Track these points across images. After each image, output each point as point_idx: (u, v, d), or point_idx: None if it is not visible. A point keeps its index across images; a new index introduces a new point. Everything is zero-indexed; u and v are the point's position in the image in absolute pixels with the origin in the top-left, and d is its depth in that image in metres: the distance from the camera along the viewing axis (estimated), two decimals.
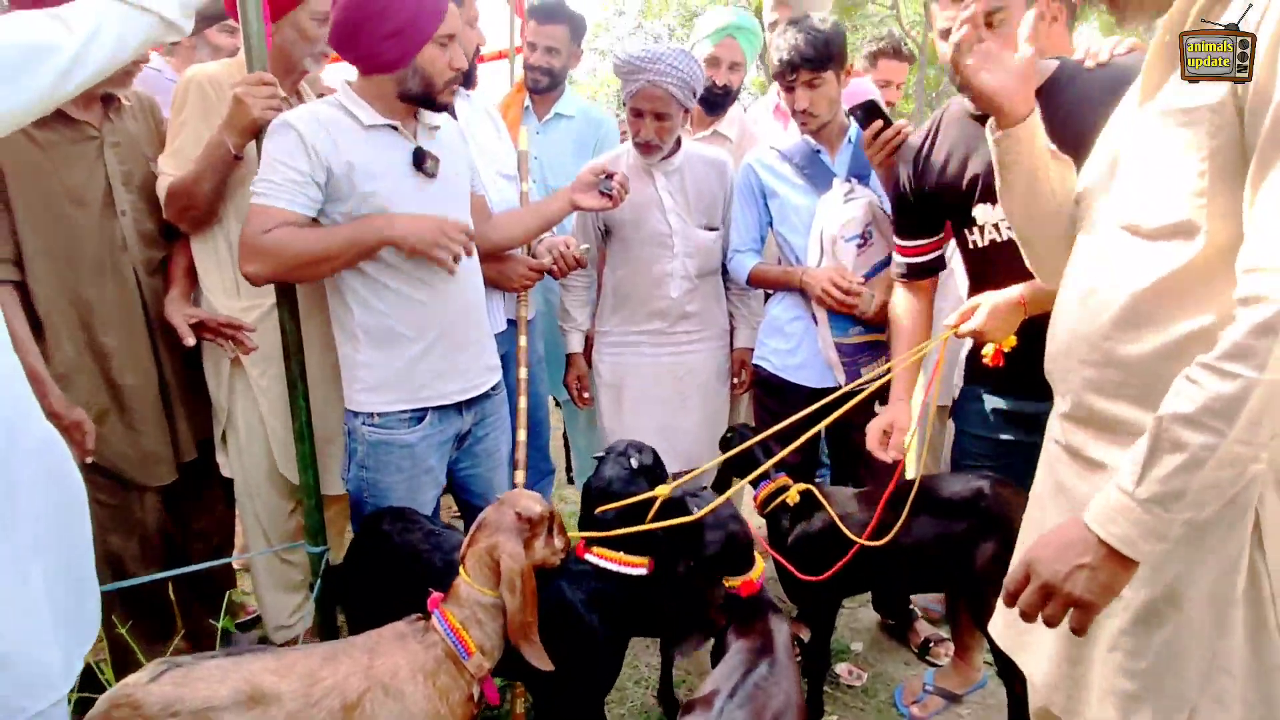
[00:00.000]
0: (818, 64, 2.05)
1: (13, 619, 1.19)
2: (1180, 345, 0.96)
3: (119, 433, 1.88)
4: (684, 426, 2.39)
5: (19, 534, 1.22)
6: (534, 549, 1.43)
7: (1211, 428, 0.86)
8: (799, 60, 2.04)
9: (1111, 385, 1.05)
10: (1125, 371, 1.03)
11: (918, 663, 2.37)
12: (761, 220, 2.32)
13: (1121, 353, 1.02)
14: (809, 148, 2.23)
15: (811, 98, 2.09)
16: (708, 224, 2.33)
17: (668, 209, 2.28)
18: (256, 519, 2.17)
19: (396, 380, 1.76)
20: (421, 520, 1.75)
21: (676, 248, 2.28)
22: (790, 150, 2.25)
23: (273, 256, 1.59)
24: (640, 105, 2.13)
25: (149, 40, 1.46)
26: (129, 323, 1.89)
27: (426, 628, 1.37)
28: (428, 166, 1.69)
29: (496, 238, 2.03)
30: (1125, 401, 1.04)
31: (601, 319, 2.46)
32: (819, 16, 2.11)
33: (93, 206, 1.81)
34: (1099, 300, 1.06)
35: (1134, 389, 1.02)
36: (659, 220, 2.27)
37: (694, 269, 2.31)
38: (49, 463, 1.33)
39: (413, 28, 1.59)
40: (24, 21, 1.28)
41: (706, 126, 2.70)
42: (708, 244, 2.33)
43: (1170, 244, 0.97)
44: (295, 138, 1.59)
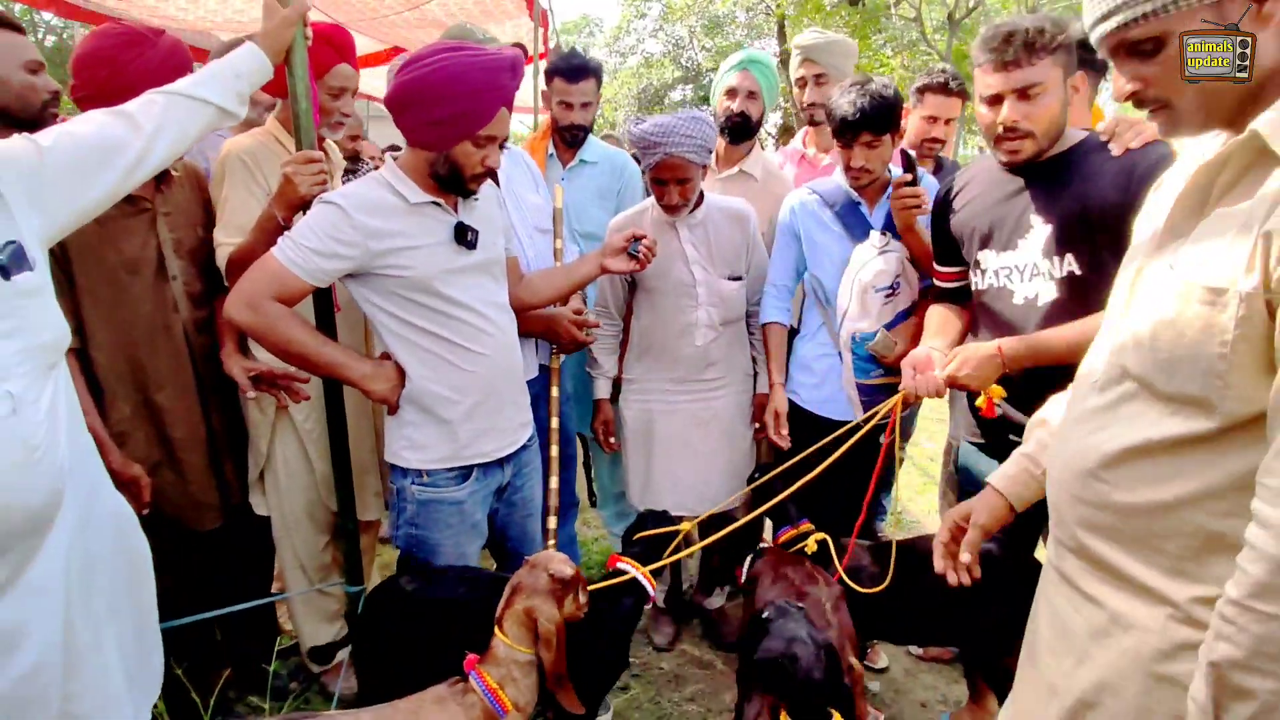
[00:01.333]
0: (879, 128, 2.14)
1: (90, 685, 1.30)
2: (1175, 506, 0.96)
3: (171, 482, 1.99)
4: (709, 472, 2.47)
5: (95, 602, 1.33)
6: (564, 607, 1.52)
7: (1271, 672, 0.82)
8: (863, 123, 2.13)
9: (1104, 527, 1.05)
10: (1117, 517, 1.03)
11: (935, 705, 2.43)
12: (798, 261, 2.41)
13: (1116, 499, 1.02)
14: (849, 198, 2.31)
15: (868, 157, 2.19)
16: (731, 274, 2.41)
17: (691, 260, 2.36)
18: (294, 553, 2.29)
19: (442, 439, 1.83)
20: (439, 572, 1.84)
21: (701, 298, 2.36)
22: (830, 196, 2.34)
23: (265, 322, 1.65)
24: (662, 175, 2.22)
25: (207, 129, 1.56)
26: (179, 379, 1.99)
27: (465, 689, 1.45)
28: (468, 240, 1.78)
29: (528, 298, 2.12)
30: (1116, 545, 1.03)
31: (628, 367, 2.54)
32: (883, 82, 2.18)
33: (146, 273, 1.92)
34: (1103, 440, 1.04)
35: (1126, 536, 1.02)
36: (683, 271, 2.35)
37: (718, 318, 2.39)
38: (120, 528, 1.44)
39: (456, 123, 1.66)
40: (95, 124, 1.38)
41: (733, 164, 2.74)
42: (731, 293, 2.40)
43: (1183, 410, 0.95)
44: (339, 215, 1.66)
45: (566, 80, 2.62)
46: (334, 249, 1.66)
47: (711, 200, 2.40)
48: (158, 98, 1.47)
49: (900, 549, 1.89)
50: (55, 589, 1.24)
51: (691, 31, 20.26)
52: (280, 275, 1.65)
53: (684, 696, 2.46)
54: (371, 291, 1.76)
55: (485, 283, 1.87)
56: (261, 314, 1.64)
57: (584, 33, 25.54)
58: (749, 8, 17.34)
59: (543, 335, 2.31)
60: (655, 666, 2.61)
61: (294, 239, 1.66)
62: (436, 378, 1.79)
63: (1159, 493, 0.97)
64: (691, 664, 2.64)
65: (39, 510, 1.21)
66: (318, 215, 1.68)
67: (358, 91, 2.28)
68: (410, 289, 1.74)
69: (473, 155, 1.70)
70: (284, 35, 1.65)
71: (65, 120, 1.51)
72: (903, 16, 13.53)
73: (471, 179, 1.75)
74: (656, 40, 21.86)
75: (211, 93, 1.53)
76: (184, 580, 2.05)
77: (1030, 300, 1.78)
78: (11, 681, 1.18)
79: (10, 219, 1.22)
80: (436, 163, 1.72)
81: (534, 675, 1.49)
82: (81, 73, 1.85)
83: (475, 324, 1.81)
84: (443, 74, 1.63)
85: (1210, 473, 0.93)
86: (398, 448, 1.85)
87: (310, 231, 1.66)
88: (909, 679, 2.56)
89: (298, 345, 1.69)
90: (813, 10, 12.67)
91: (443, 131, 1.67)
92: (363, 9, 5.25)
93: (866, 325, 2.27)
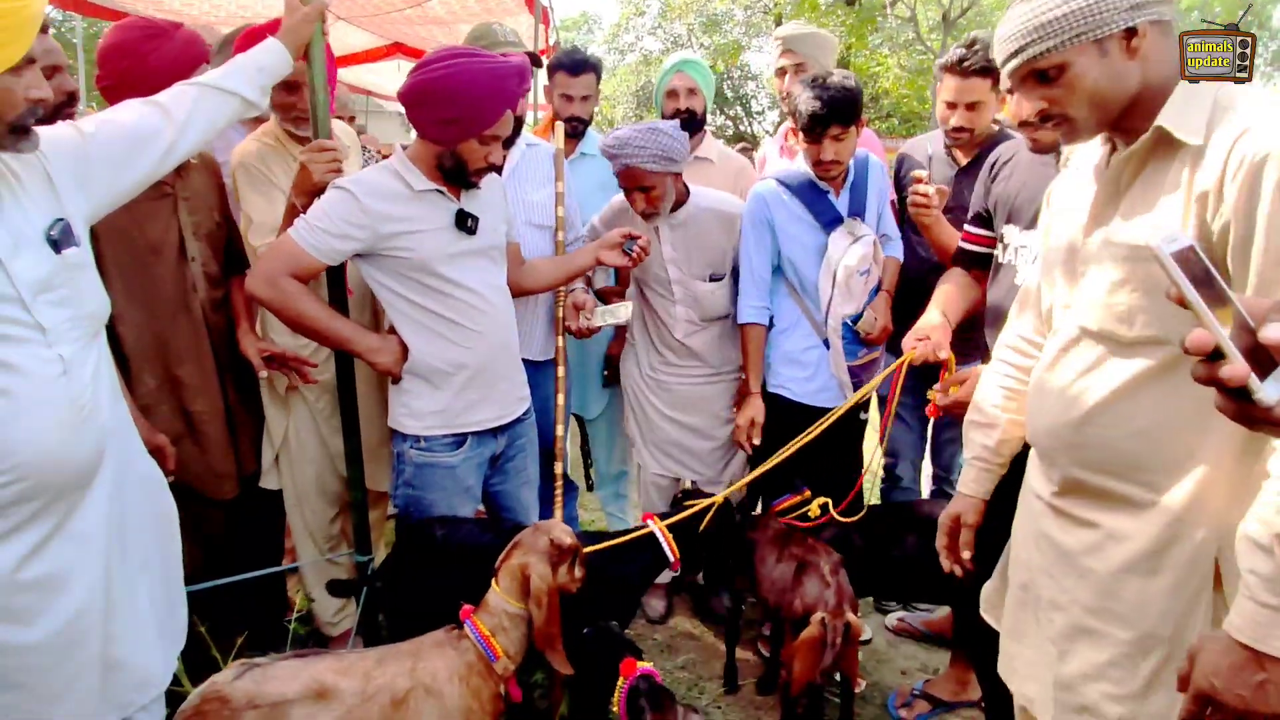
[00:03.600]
0: (846, 119, 2.22)
1: (127, 629, 1.42)
2: (1155, 430, 1.15)
3: (191, 453, 2.10)
4: (699, 447, 2.60)
5: (130, 556, 1.45)
6: (559, 574, 1.63)
7: None
8: (831, 116, 2.19)
9: (1096, 462, 1.23)
10: (1109, 452, 1.21)
11: (914, 673, 2.55)
12: (771, 256, 2.43)
13: (1108, 435, 1.20)
14: (815, 187, 2.38)
15: (838, 150, 2.26)
16: (712, 274, 2.48)
17: (667, 258, 2.44)
18: (305, 525, 2.41)
19: (439, 408, 1.97)
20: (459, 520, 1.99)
21: (676, 295, 2.47)
22: (795, 185, 2.39)
23: (281, 298, 1.79)
24: (624, 184, 2.34)
25: (233, 118, 1.67)
26: (199, 355, 2.10)
27: (460, 635, 1.59)
28: (468, 226, 1.90)
29: (527, 284, 2.25)
30: (1109, 475, 1.22)
31: (630, 336, 2.68)
32: (842, 74, 2.27)
33: (169, 255, 2.03)
34: (1085, 392, 1.22)
35: (1118, 465, 1.20)
36: (659, 268, 2.46)
37: (696, 315, 2.49)
38: (151, 490, 1.56)
39: (465, 123, 1.80)
40: (133, 112, 1.49)
41: (691, 153, 2.86)
42: (707, 294, 2.48)
43: (1145, 350, 1.14)
44: (351, 199, 1.79)
45: (568, 74, 2.74)
46: (345, 230, 1.79)
47: (703, 201, 2.46)
48: (189, 89, 1.58)
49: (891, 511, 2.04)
50: (98, 538, 1.36)
51: (690, 29, 20.33)
52: (296, 255, 1.78)
53: (676, 665, 2.58)
54: (378, 271, 1.89)
55: (485, 266, 1.99)
56: (279, 290, 1.78)
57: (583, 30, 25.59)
58: (747, 6, 17.45)
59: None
60: (649, 637, 2.73)
61: (309, 221, 1.80)
62: (435, 352, 1.92)
63: (1140, 423, 1.17)
64: (682, 636, 2.76)
65: (85, 465, 1.32)
66: (331, 199, 1.81)
67: (353, 86, 2.39)
68: (413, 269, 1.87)
69: (477, 152, 1.84)
70: (304, 31, 1.76)
71: (89, 113, 1.62)
72: (898, 16, 13.64)
73: (474, 173, 1.88)
74: (655, 38, 21.93)
75: (239, 84, 1.64)
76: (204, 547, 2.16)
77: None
78: (61, 623, 1.30)
79: (58, 199, 1.33)
80: (443, 156, 1.85)
81: (523, 628, 1.62)
82: (106, 64, 1.96)
83: (473, 304, 1.94)
84: (454, 80, 1.76)
85: (1178, 396, 1.11)
86: (399, 415, 1.99)
87: (324, 214, 1.79)
88: (890, 649, 2.68)
89: (310, 319, 1.83)
90: (809, 9, 12.77)
91: (450, 130, 1.80)
92: (365, 5, 5.34)
93: (852, 308, 2.38)
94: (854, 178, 2.40)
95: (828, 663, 1.74)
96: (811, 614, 1.81)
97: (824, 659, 1.74)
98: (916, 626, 2.73)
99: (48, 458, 1.24)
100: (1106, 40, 1.11)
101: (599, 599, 1.78)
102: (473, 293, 1.94)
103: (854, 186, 2.39)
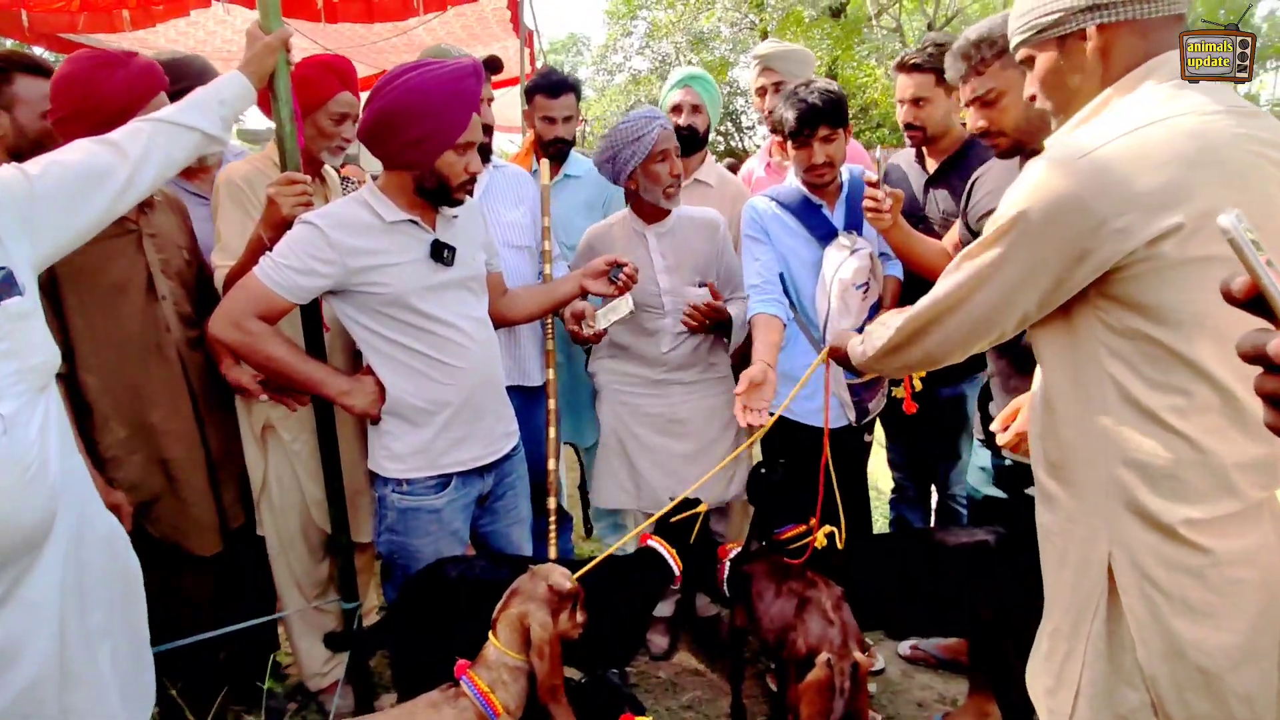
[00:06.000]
0: (835, 120, 2.19)
1: (86, 698, 1.33)
2: (1068, 426, 1.21)
3: (170, 505, 2.00)
4: (684, 474, 2.46)
5: (89, 618, 1.36)
6: (559, 621, 1.53)
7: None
8: (820, 116, 2.16)
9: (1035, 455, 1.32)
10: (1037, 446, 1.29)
11: (931, 704, 2.44)
12: (774, 261, 2.33)
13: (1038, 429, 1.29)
14: (810, 202, 2.33)
15: (828, 152, 2.22)
16: (701, 281, 2.43)
17: (659, 269, 2.39)
18: (290, 572, 2.31)
19: (420, 448, 1.87)
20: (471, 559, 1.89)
21: (667, 306, 2.39)
22: (789, 201, 2.35)
23: (247, 340, 1.70)
24: (665, 146, 2.27)
25: (193, 154, 1.60)
26: (174, 399, 2.01)
27: (457, 694, 1.48)
28: (445, 257, 1.82)
29: (509, 314, 2.16)
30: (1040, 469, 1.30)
31: (600, 367, 2.55)
32: (823, 80, 2.25)
33: (136, 294, 1.94)
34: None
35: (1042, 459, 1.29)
36: (649, 281, 2.38)
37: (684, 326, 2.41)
38: (113, 547, 1.47)
39: (435, 137, 1.71)
40: (82, 151, 1.42)
41: (688, 175, 2.80)
42: (697, 300, 2.40)
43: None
44: (317, 234, 1.71)
45: (548, 96, 2.69)
46: (312, 267, 1.71)
47: (680, 210, 2.43)
48: (144, 125, 1.51)
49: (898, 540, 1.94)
50: (50, 605, 1.27)
51: (678, 48, 20.44)
52: (262, 294, 1.70)
53: (681, 704, 2.47)
54: (351, 307, 1.81)
55: (464, 297, 1.91)
56: (245, 332, 1.69)
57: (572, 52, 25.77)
58: (733, 23, 17.53)
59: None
60: (652, 675, 2.62)
61: (274, 258, 1.71)
62: (414, 390, 1.83)
63: (1059, 416, 1.25)
64: (687, 672, 2.65)
65: (32, 529, 1.23)
66: (297, 235, 1.73)
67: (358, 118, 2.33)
68: (388, 305, 1.79)
69: (456, 164, 1.76)
70: (267, 61, 1.70)
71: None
72: (884, 27, 13.72)
73: (459, 187, 1.80)
74: (643, 57, 22.02)
75: (197, 119, 1.57)
76: (185, 603, 2.06)
77: None
78: (10, 697, 1.21)
79: (0, 246, 1.25)
80: (422, 179, 1.77)
81: (524, 680, 1.51)
82: (58, 96, 1.85)
83: (452, 338, 1.85)
84: (411, 94, 1.68)
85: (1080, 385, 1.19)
86: (379, 457, 1.90)
87: (290, 250, 1.71)
88: (905, 679, 2.57)
89: (279, 362, 1.74)
90: (795, 23, 12.84)
91: (424, 149, 1.72)
92: (351, 35, 5.32)
93: (849, 323, 2.31)
94: (848, 191, 2.35)
95: (839, 712, 1.63)
96: (816, 654, 1.71)
97: (834, 706, 1.63)
98: (931, 652, 2.62)
99: None
100: (1067, 39, 1.17)
101: (604, 629, 1.68)
102: (451, 327, 1.85)
103: (849, 200, 2.35)
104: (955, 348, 1.25)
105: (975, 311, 1.17)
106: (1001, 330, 1.18)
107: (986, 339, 1.20)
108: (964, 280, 1.17)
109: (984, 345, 1.23)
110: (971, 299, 1.17)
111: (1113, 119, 1.09)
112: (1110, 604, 1.12)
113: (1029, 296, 1.11)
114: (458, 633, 1.69)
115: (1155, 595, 1.07)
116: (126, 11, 4.08)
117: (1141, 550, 1.08)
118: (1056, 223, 1.05)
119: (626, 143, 2.26)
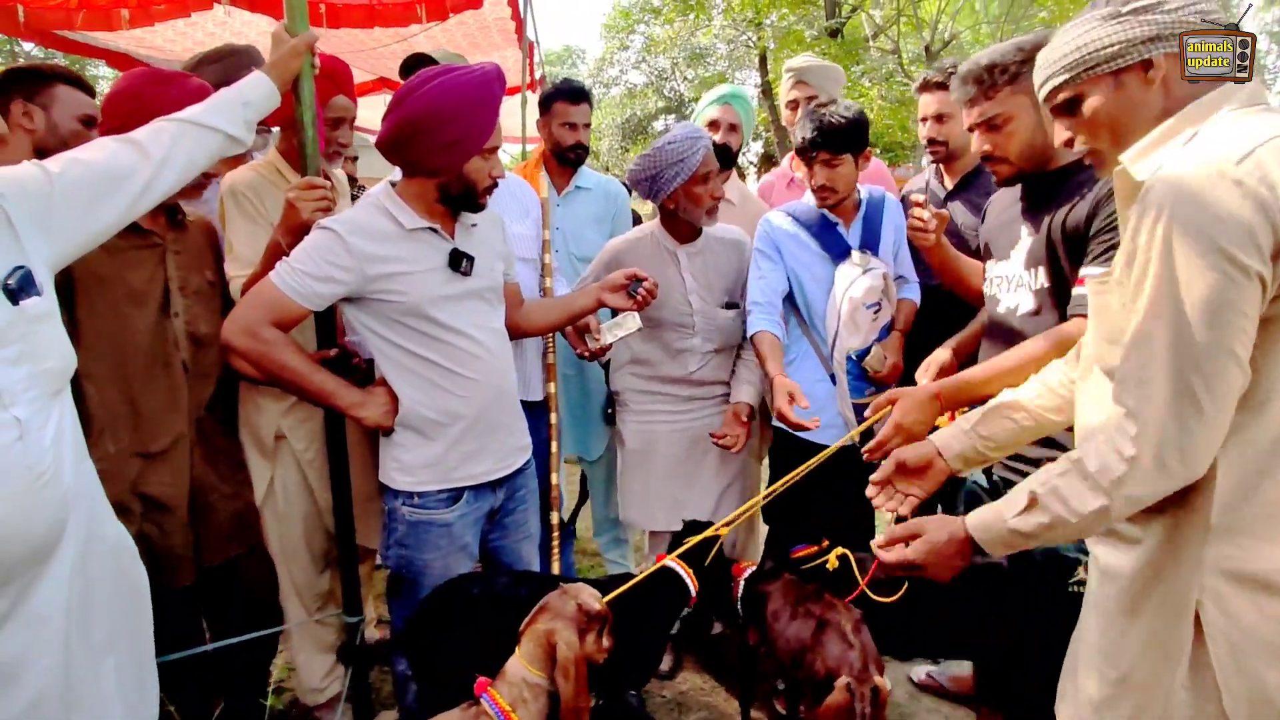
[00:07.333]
0: (836, 147, 2.20)
1: (89, 714, 1.27)
2: None
3: (147, 533, 1.86)
4: (710, 490, 2.48)
5: (94, 632, 1.31)
6: (586, 642, 1.50)
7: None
8: (820, 141, 2.19)
9: None
10: None
11: None
12: (780, 280, 2.35)
13: None
14: (825, 219, 2.35)
15: (829, 175, 2.24)
16: (729, 301, 2.44)
17: (690, 290, 2.38)
18: (291, 581, 2.25)
19: (432, 461, 1.83)
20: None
21: (697, 327, 2.39)
22: (805, 217, 2.36)
23: (260, 348, 1.65)
24: (709, 168, 2.28)
25: (215, 156, 1.57)
26: (171, 420, 1.91)
27: (478, 712, 1.44)
28: (463, 267, 1.79)
29: (526, 326, 2.13)
30: None
31: (623, 383, 2.54)
32: (845, 104, 2.26)
33: (150, 307, 1.87)
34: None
35: None
36: (680, 301, 2.37)
37: (712, 345, 2.42)
38: (120, 561, 1.42)
39: (466, 141, 1.69)
40: (105, 151, 1.39)
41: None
42: (727, 322, 2.43)
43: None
44: (336, 240, 1.67)
45: (568, 102, 2.69)
46: (329, 273, 1.67)
47: (713, 231, 2.44)
48: (167, 125, 1.48)
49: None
50: (56, 618, 1.22)
51: (674, 63, 20.60)
52: (277, 300, 1.66)
53: None
54: (366, 315, 1.77)
55: (481, 308, 1.87)
56: (258, 340, 1.65)
57: (567, 64, 25.90)
58: (730, 40, 17.68)
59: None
60: (658, 695, 2.58)
61: (290, 264, 1.67)
62: (427, 401, 1.80)
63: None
64: (694, 691, 2.61)
65: (42, 538, 1.19)
66: (314, 240, 1.69)
67: (354, 122, 2.30)
68: (404, 314, 1.75)
69: (481, 169, 1.74)
70: (292, 64, 1.67)
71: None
72: (880, 49, 13.87)
73: (484, 192, 1.78)
74: (639, 71, 22.18)
75: (220, 120, 1.54)
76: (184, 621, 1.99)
77: (1012, 310, 1.85)
78: (13, 715, 1.16)
79: (19, 245, 1.22)
80: (448, 185, 1.74)
81: (545, 699, 1.47)
82: (110, 109, 1.85)
83: (468, 349, 1.82)
84: (445, 95, 1.66)
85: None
86: (389, 469, 1.85)
87: (306, 256, 1.67)
88: (912, 701, 2.55)
89: (291, 372, 1.70)
90: (794, 42, 12.95)
91: (455, 152, 1.70)
92: (351, 41, 5.30)
93: (858, 343, 2.30)
94: (866, 211, 2.36)
95: None
96: (835, 676, 1.68)
97: None
98: (943, 683, 2.59)
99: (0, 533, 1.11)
100: (1123, 73, 1.13)
101: (624, 650, 1.63)
102: (468, 337, 1.81)
103: (866, 219, 2.36)
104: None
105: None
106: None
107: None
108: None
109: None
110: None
111: (1218, 137, 1.03)
112: (1195, 652, 1.08)
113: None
114: (478, 649, 1.64)
115: (1244, 643, 1.04)
116: (126, 10, 4.02)
117: (1234, 599, 1.05)
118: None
119: (670, 163, 2.25)
